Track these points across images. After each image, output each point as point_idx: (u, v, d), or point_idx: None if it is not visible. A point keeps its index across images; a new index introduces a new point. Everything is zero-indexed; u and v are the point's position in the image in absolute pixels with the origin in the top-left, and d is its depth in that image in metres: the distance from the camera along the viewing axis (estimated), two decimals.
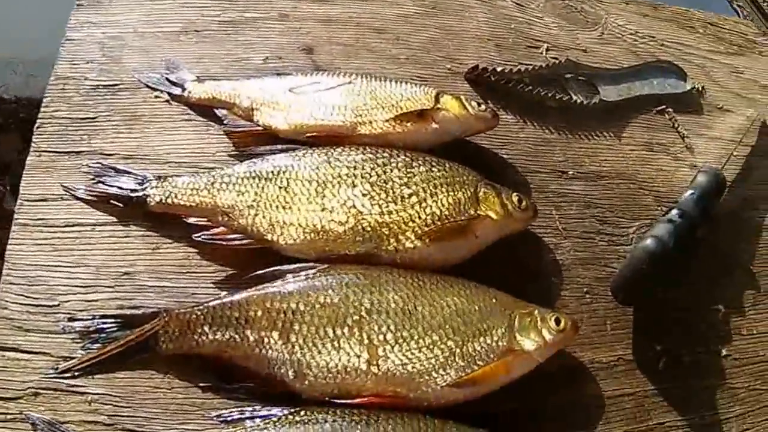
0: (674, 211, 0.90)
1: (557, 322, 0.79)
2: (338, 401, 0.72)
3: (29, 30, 1.57)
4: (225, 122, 0.90)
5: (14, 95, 1.71)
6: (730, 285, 1.00)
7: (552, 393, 0.83)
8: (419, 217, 0.80)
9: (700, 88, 1.18)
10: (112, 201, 0.82)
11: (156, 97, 0.92)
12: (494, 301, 0.79)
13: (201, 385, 0.75)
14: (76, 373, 0.73)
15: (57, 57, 0.95)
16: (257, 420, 0.71)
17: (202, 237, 0.80)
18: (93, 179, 0.83)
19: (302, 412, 0.71)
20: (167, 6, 1.02)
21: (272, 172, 0.82)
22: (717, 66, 1.25)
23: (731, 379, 0.92)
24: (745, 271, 1.02)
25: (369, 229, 0.79)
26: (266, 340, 0.74)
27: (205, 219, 0.81)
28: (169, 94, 0.92)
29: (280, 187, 0.81)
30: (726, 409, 0.90)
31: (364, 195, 0.80)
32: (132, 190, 0.82)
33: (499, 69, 1.03)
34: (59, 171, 0.84)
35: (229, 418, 0.72)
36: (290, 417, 0.71)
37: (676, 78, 1.17)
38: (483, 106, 0.93)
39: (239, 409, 0.72)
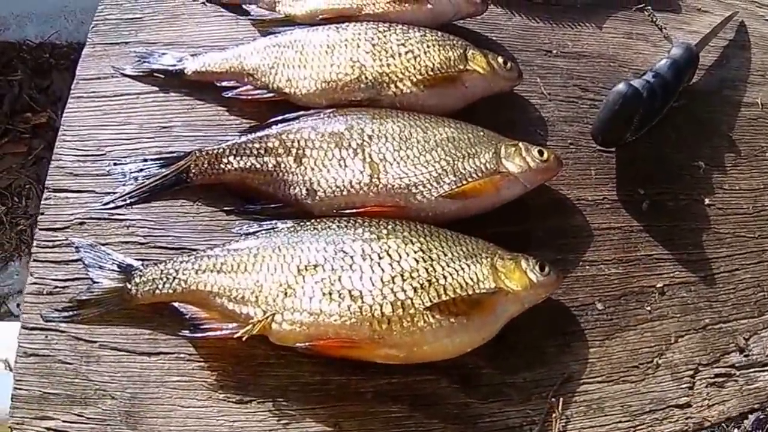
0: (649, 73, 0.97)
1: (540, 153, 0.86)
2: (345, 212, 0.81)
3: None
4: (251, 14, 1.01)
5: (66, 40, 1.84)
6: (709, 147, 1.03)
7: (542, 220, 0.90)
8: (414, 68, 0.90)
9: None
10: (154, 74, 0.94)
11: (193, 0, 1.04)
12: (482, 134, 0.88)
13: (225, 208, 0.85)
14: (118, 204, 0.84)
15: None
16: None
17: (232, 93, 0.91)
18: (138, 60, 0.96)
19: (313, 220, 0.79)
20: None
21: (290, 41, 0.94)
22: None
23: (716, 225, 0.96)
24: (723, 137, 1.05)
25: (371, 77, 0.89)
26: (282, 165, 0.84)
27: (234, 81, 0.92)
28: None
29: (296, 51, 0.92)
30: (712, 250, 0.94)
31: (366, 53, 0.91)
32: (172, 65, 0.94)
33: None
34: (110, 57, 0.97)
35: (249, 230, 0.80)
36: (303, 224, 0.79)
37: None
38: None
39: (258, 222, 0.81)
